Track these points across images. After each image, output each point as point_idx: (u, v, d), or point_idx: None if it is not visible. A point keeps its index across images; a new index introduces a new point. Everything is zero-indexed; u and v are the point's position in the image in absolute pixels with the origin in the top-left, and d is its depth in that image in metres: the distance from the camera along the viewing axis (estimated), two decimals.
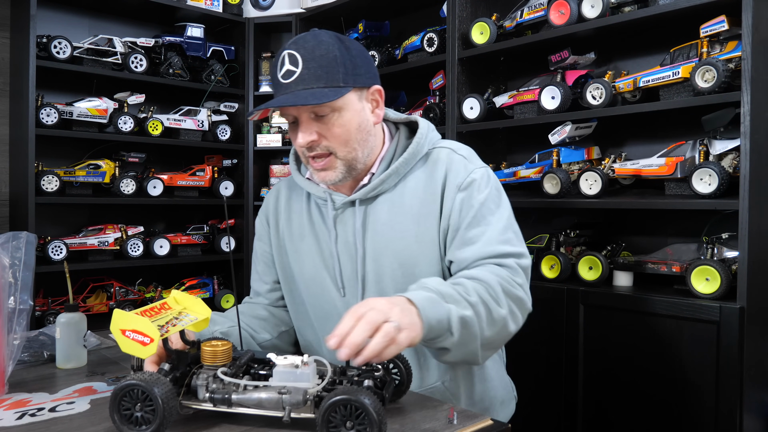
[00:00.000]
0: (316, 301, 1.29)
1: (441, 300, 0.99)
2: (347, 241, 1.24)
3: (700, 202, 1.77)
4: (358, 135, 1.18)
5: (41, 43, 2.58)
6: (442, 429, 0.90)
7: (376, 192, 1.22)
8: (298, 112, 1.15)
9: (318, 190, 1.27)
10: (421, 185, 1.21)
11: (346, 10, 2.98)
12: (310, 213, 1.30)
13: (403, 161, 1.22)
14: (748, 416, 1.65)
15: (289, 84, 1.13)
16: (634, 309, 1.83)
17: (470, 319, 1.01)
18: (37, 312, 2.57)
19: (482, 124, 2.36)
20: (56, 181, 2.60)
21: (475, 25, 2.34)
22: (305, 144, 1.16)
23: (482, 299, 1.04)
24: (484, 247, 1.14)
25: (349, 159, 1.18)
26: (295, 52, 1.14)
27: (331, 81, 1.13)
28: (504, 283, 1.09)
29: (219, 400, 0.88)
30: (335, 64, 1.13)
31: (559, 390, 2.00)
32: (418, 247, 1.19)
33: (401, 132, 1.30)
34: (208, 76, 3.09)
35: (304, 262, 1.29)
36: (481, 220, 1.16)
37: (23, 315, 1.10)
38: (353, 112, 1.17)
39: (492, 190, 1.20)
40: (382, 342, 0.87)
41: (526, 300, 1.13)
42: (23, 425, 0.91)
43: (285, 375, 0.87)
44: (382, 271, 1.21)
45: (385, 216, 1.22)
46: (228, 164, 3.22)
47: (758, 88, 1.65)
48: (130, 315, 0.88)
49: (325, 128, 1.15)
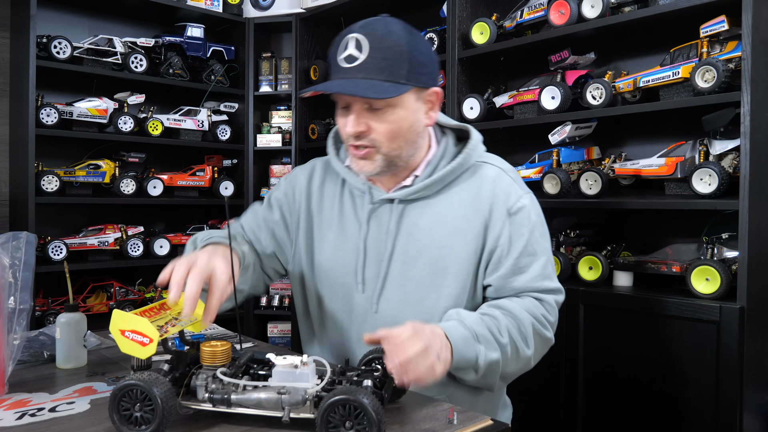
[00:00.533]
0: (331, 292, 1.25)
1: (474, 341, 1.05)
2: (377, 237, 1.21)
3: (700, 202, 1.77)
4: (408, 134, 1.15)
5: (41, 43, 2.58)
6: (442, 429, 0.90)
7: (418, 195, 1.20)
8: (353, 100, 1.12)
9: (357, 180, 1.24)
10: (466, 199, 1.19)
11: (346, 10, 2.98)
12: (342, 201, 1.26)
13: (451, 170, 1.19)
14: (748, 416, 1.65)
15: (349, 69, 1.10)
16: (634, 309, 1.83)
17: (496, 362, 1.08)
18: (37, 312, 2.57)
19: (482, 124, 2.36)
20: (56, 181, 2.60)
21: (475, 25, 2.34)
22: (353, 133, 1.13)
23: (512, 339, 1.10)
24: (531, 281, 1.17)
25: (392, 156, 1.16)
26: (363, 38, 1.09)
27: (393, 75, 1.09)
28: (537, 325, 1.14)
29: (218, 401, 0.88)
30: (401, 59, 1.10)
31: (559, 390, 1.99)
32: (452, 259, 1.17)
33: (449, 138, 1.27)
34: (208, 76, 3.10)
35: (324, 251, 1.26)
36: (530, 251, 1.17)
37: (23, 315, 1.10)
38: (408, 111, 1.14)
39: (539, 219, 1.21)
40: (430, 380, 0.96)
41: (552, 340, 1.18)
42: (23, 425, 0.91)
43: (284, 375, 0.87)
44: (410, 274, 1.18)
45: (424, 222, 1.19)
46: (228, 164, 3.22)
47: (758, 88, 1.65)
48: (129, 315, 0.88)
49: (376, 121, 1.12)
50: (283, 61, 3.21)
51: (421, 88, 1.15)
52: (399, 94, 1.10)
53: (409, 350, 0.94)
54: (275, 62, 3.21)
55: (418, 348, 0.94)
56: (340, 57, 1.12)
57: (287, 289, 3.20)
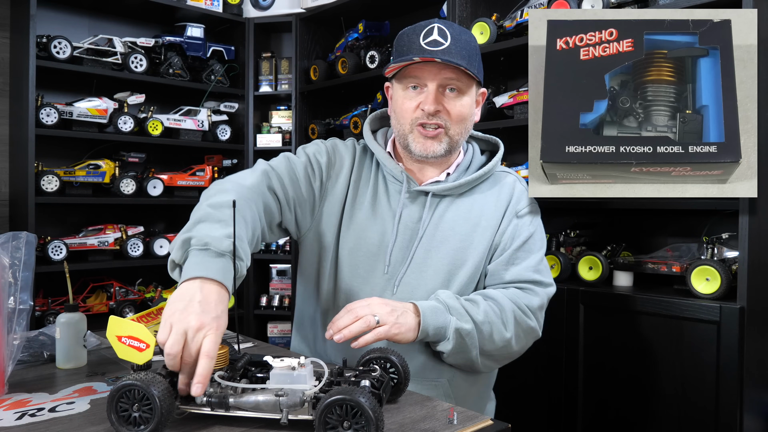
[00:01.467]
0: (352, 270, 1.30)
1: (446, 311, 1.18)
2: (407, 225, 1.30)
3: (700, 202, 1.77)
4: (468, 123, 1.30)
5: (41, 43, 2.58)
6: (442, 429, 0.90)
7: (450, 192, 1.31)
8: (436, 78, 1.23)
9: (396, 168, 1.32)
10: (490, 201, 1.32)
11: (346, 10, 2.98)
12: (377, 186, 1.34)
13: (480, 175, 1.32)
14: (748, 416, 1.65)
15: (435, 52, 1.20)
16: (634, 309, 1.83)
17: (468, 332, 1.18)
18: (37, 312, 2.57)
19: (482, 124, 2.36)
20: (56, 181, 2.60)
21: (475, 25, 2.34)
22: (433, 111, 1.23)
23: (489, 320, 1.20)
24: (523, 272, 1.28)
25: (456, 140, 1.28)
26: (446, 28, 1.23)
27: (470, 65, 1.22)
28: (518, 312, 1.24)
29: (216, 404, 0.88)
30: (475, 53, 1.26)
31: (559, 390, 1.99)
32: (469, 252, 1.29)
33: (476, 146, 1.41)
34: (208, 76, 3.10)
35: (353, 228, 1.30)
36: (527, 248, 1.30)
37: (23, 315, 1.10)
38: (471, 101, 1.29)
39: (540, 226, 1.36)
40: (359, 327, 1.09)
41: (536, 329, 1.29)
42: (23, 425, 0.91)
43: (282, 377, 0.87)
44: (430, 262, 1.28)
45: (450, 215, 1.30)
46: (228, 164, 3.22)
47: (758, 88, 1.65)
48: (125, 321, 0.88)
49: (450, 104, 1.25)
50: (283, 61, 3.21)
51: (479, 84, 1.30)
52: (480, 77, 1.27)
53: (374, 304, 1.13)
54: (275, 62, 3.21)
55: (386, 308, 1.13)
56: (423, 41, 1.22)
57: (287, 289, 3.20)
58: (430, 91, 1.23)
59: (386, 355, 1.00)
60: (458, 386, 1.29)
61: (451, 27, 1.24)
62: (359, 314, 1.11)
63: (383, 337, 1.12)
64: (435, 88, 1.23)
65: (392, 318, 1.12)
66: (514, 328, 1.23)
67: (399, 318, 1.13)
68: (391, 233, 1.29)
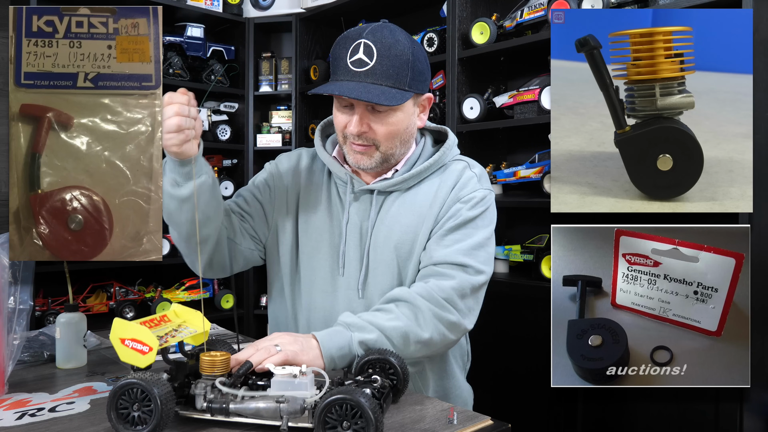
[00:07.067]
0: (312, 274, 1.33)
1: (345, 329, 1.13)
2: (357, 224, 1.31)
3: None
4: (403, 135, 1.27)
5: None
6: (442, 429, 0.90)
7: (395, 188, 1.30)
8: (357, 102, 1.20)
9: (341, 170, 1.32)
10: (433, 190, 1.30)
11: (346, 10, 2.98)
12: (329, 190, 1.35)
13: (427, 167, 1.30)
14: (748, 416, 1.65)
15: (358, 73, 1.18)
16: None
17: (374, 341, 1.12)
18: (37, 312, 2.57)
19: (482, 124, 2.36)
20: None
21: (475, 25, 2.34)
22: (357, 133, 1.22)
23: (400, 324, 1.15)
24: (452, 254, 1.23)
25: (388, 154, 1.27)
26: (372, 45, 1.18)
27: (398, 82, 1.19)
28: (437, 309, 1.18)
29: (217, 410, 0.88)
30: (406, 68, 1.20)
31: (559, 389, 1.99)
32: (416, 244, 1.28)
33: (427, 138, 1.37)
34: (208, 76, 3.10)
35: (310, 234, 1.34)
36: (463, 232, 1.25)
37: (23, 315, 1.10)
38: (406, 115, 1.25)
39: (486, 213, 1.29)
40: (260, 355, 1.00)
41: (459, 323, 1.21)
42: (23, 425, 0.91)
43: (283, 384, 0.87)
44: (381, 258, 1.28)
45: (395, 209, 1.30)
46: (228, 164, 3.22)
47: (758, 88, 1.65)
48: (129, 324, 0.88)
49: (377, 123, 1.22)
50: (283, 61, 3.21)
51: (418, 93, 1.26)
52: (403, 102, 1.20)
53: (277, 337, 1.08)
54: (275, 62, 3.22)
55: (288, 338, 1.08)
56: (349, 60, 1.19)
57: None
58: (356, 114, 1.21)
59: (385, 357, 1.01)
60: (426, 378, 1.32)
61: (380, 42, 1.18)
62: (259, 347, 1.05)
63: (284, 357, 1.04)
64: (362, 110, 1.21)
65: (295, 347, 1.07)
66: (432, 327, 1.18)
67: (303, 346, 1.09)
68: (342, 234, 1.31)
